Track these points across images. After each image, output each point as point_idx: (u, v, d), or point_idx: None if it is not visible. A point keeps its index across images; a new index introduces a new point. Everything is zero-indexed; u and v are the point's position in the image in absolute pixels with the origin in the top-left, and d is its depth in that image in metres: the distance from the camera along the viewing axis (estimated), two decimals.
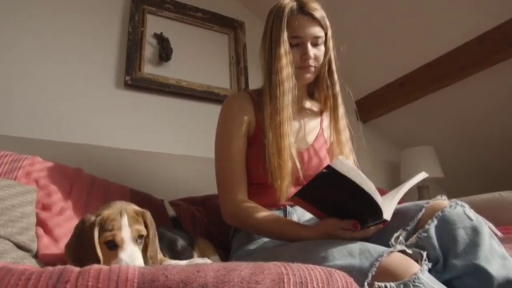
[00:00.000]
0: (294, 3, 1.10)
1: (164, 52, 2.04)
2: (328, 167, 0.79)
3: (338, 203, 0.87)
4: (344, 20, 2.17)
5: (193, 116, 2.05)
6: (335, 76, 1.17)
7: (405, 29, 2.14)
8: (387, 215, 0.81)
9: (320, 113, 1.26)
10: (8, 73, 1.64)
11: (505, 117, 2.20)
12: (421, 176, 0.94)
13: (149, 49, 2.05)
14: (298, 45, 1.09)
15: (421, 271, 0.69)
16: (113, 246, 0.77)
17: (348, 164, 0.80)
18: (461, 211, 0.84)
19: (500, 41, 1.90)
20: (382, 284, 0.67)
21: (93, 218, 0.80)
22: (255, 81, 2.27)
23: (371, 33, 2.26)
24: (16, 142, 1.46)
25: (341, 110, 1.19)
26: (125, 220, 0.79)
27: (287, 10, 1.09)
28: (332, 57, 1.16)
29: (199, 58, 2.20)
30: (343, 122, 1.19)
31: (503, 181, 2.28)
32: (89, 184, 1.29)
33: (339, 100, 1.18)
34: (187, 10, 2.22)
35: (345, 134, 1.19)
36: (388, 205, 0.84)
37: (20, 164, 1.12)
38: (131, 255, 0.76)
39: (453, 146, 2.54)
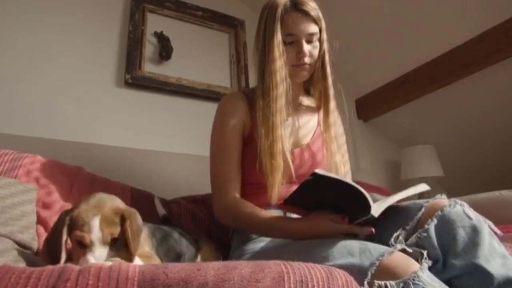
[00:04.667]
0: (288, 1, 1.08)
1: (165, 51, 2.04)
2: (313, 174, 0.79)
3: (328, 204, 0.88)
4: (344, 19, 2.17)
5: (194, 114, 2.05)
6: (328, 70, 1.15)
7: (406, 27, 2.14)
8: (375, 211, 0.82)
9: (318, 109, 1.24)
10: (9, 71, 1.64)
11: (506, 116, 2.20)
12: (422, 187, 0.94)
13: (150, 47, 2.05)
14: (293, 42, 1.08)
15: (420, 269, 0.69)
16: (83, 245, 0.75)
17: (330, 173, 0.82)
18: (460, 210, 0.84)
19: (501, 40, 1.90)
20: (382, 283, 0.67)
21: (63, 216, 0.78)
22: (256, 80, 2.26)
23: (371, 32, 2.26)
24: (16, 140, 1.46)
25: (332, 104, 1.17)
26: (96, 222, 0.76)
27: (280, 7, 1.07)
28: (327, 56, 1.14)
29: (199, 56, 2.20)
30: (333, 116, 1.17)
31: (503, 180, 2.28)
32: (90, 183, 1.29)
33: (331, 93, 1.16)
34: (188, 9, 2.22)
35: (335, 129, 1.16)
36: (379, 204, 0.84)
37: (20, 163, 1.12)
38: (99, 258, 0.74)
39: (454, 145, 2.54)
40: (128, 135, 1.83)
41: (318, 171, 0.79)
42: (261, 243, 1.04)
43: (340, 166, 1.15)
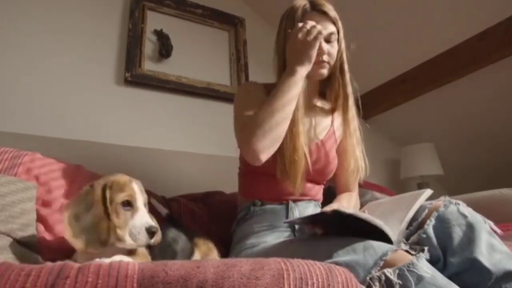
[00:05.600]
0: (307, 3, 1.12)
1: (164, 49, 2.03)
2: (334, 211, 0.80)
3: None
4: (344, 17, 2.16)
5: (193, 112, 2.04)
6: (347, 77, 1.17)
7: (406, 26, 2.13)
8: (394, 239, 0.83)
9: (332, 111, 1.25)
10: (8, 69, 1.64)
11: (506, 114, 2.20)
12: (427, 193, 0.97)
13: (149, 45, 2.04)
14: None
15: (416, 258, 0.71)
16: (127, 208, 0.82)
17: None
18: (454, 209, 0.86)
19: (501, 38, 1.90)
20: (380, 272, 0.69)
21: (102, 182, 0.84)
22: (256, 78, 2.24)
23: (372, 30, 2.25)
24: (16, 138, 1.46)
25: (352, 112, 1.19)
26: (137, 186, 0.86)
27: (300, 9, 1.11)
28: (344, 56, 1.17)
29: (199, 54, 2.20)
30: (353, 124, 1.19)
31: (503, 178, 2.28)
32: (89, 181, 1.28)
33: (350, 101, 1.18)
34: (187, 7, 2.22)
35: (356, 136, 1.19)
36: (397, 229, 0.87)
37: (20, 161, 1.12)
38: (145, 217, 0.82)
39: (453, 143, 2.54)
40: (128, 133, 1.82)
41: (340, 209, 0.80)
42: (263, 237, 1.04)
43: (362, 173, 1.20)
